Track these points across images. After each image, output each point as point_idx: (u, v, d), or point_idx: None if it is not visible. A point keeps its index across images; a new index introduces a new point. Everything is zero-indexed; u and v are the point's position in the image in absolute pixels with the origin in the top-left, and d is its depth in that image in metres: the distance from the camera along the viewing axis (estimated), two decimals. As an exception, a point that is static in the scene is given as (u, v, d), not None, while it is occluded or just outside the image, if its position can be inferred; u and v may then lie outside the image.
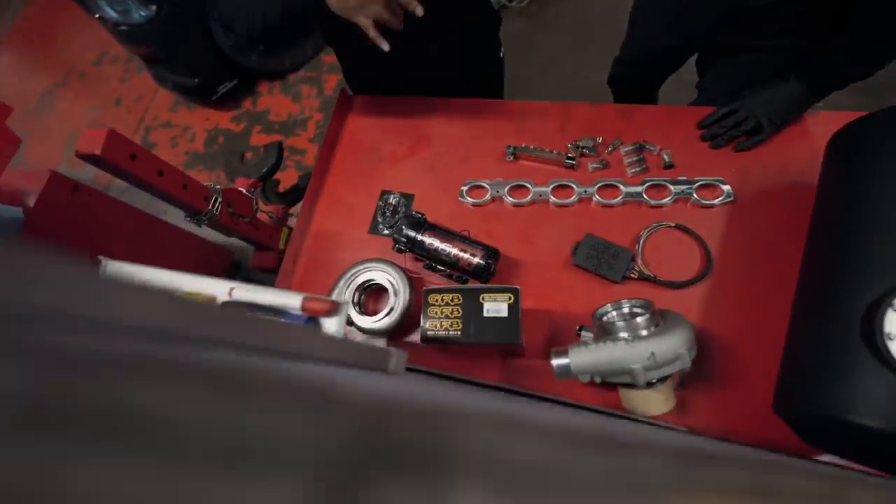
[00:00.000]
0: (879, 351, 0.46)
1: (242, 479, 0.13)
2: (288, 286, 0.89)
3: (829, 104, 0.81)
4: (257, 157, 1.13)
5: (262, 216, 1.14)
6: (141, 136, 2.33)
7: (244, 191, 1.04)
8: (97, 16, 1.87)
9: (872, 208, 0.54)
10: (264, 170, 1.07)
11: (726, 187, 0.76)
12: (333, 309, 0.41)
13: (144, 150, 0.78)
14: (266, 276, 1.22)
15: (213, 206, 0.95)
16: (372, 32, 0.67)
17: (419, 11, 0.66)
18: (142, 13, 1.77)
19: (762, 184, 0.77)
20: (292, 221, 1.19)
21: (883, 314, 0.47)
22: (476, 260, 0.74)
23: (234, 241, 1.15)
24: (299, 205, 1.00)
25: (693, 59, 1.01)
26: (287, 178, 1.59)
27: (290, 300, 0.42)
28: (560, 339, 0.73)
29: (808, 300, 0.58)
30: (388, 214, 0.89)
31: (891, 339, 0.46)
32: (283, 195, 1.20)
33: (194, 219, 0.94)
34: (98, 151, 0.68)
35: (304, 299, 0.42)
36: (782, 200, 0.75)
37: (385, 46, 0.69)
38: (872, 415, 0.47)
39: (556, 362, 0.60)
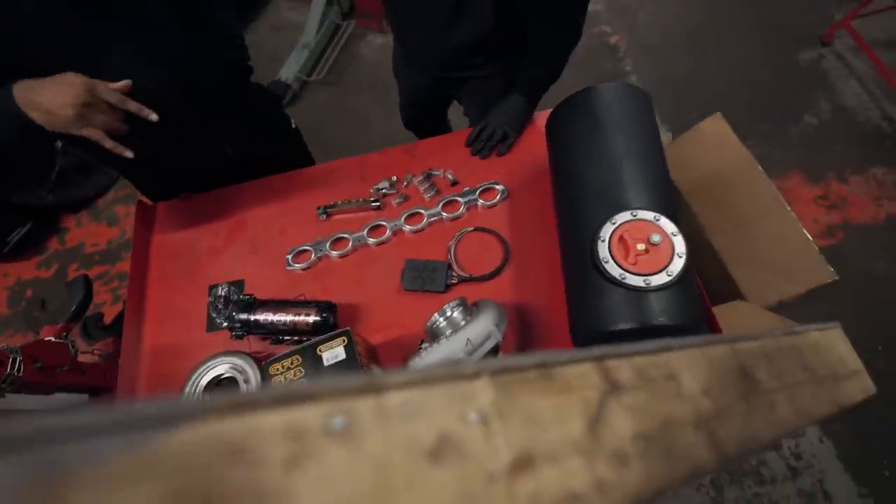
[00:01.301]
0: (603, 272, 0.61)
1: None
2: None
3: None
4: (58, 301, 1.02)
5: (87, 358, 1.02)
6: (-86, 321, 1.90)
7: (53, 339, 0.93)
8: None
9: (575, 169, 0.72)
10: (73, 309, 0.97)
11: (500, 187, 0.93)
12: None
13: None
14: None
15: (14, 367, 0.83)
16: (108, 144, 0.66)
17: (153, 118, 0.68)
18: None
19: (525, 175, 0.95)
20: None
21: (596, 246, 0.62)
22: (312, 318, 0.78)
23: (61, 398, 1.01)
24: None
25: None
26: (116, 308, 1.45)
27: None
28: (412, 359, 0.80)
29: (563, 253, 0.74)
30: (220, 307, 0.88)
31: (606, 262, 0.61)
32: (110, 327, 1.10)
33: (-9, 391, 0.81)
34: None
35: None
36: (541, 183, 0.93)
37: (128, 154, 0.68)
38: (624, 319, 0.61)
39: (399, 380, 0.66)
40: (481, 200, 0.92)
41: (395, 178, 0.98)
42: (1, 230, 1.83)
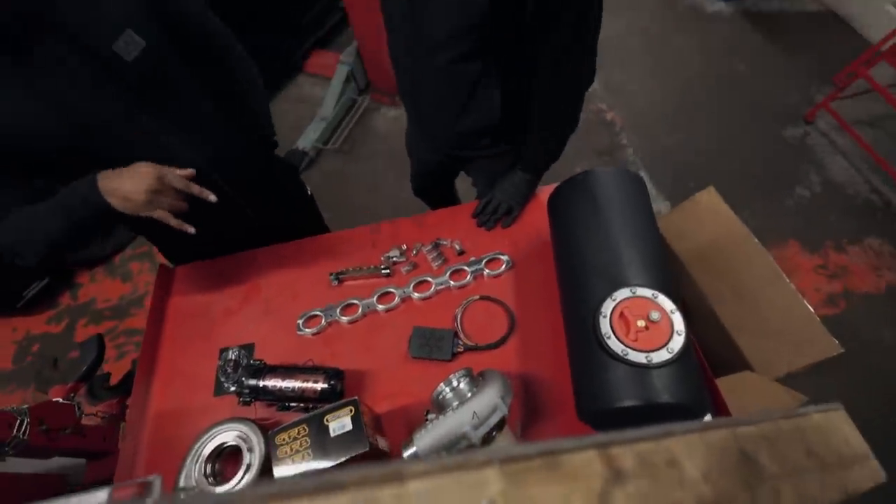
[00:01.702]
0: (606, 347, 0.63)
1: None
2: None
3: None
4: (71, 359, 1.04)
5: (89, 420, 1.02)
6: (-82, 375, 1.90)
7: (61, 400, 0.94)
8: None
9: (577, 246, 0.76)
10: (84, 369, 0.98)
11: (505, 257, 0.97)
12: (143, 489, 0.42)
13: None
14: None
15: (20, 430, 0.84)
16: (174, 222, 0.74)
17: (212, 198, 0.77)
18: None
19: (529, 247, 1.00)
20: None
21: (598, 321, 0.65)
22: (320, 386, 0.79)
23: (58, 462, 0.99)
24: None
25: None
26: (122, 367, 1.45)
27: (96, 497, 0.42)
28: (418, 429, 0.79)
29: (567, 325, 0.76)
30: (229, 371, 0.89)
31: (608, 337, 0.64)
32: (116, 388, 1.10)
33: (-7, 455, 0.81)
34: None
35: (112, 489, 0.42)
36: (544, 255, 0.97)
37: (190, 230, 0.76)
38: (628, 396, 0.62)
39: (405, 453, 0.66)
40: (487, 270, 0.96)
41: (404, 246, 1.02)
42: (17, 285, 1.88)
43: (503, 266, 0.96)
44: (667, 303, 0.64)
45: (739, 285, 1.26)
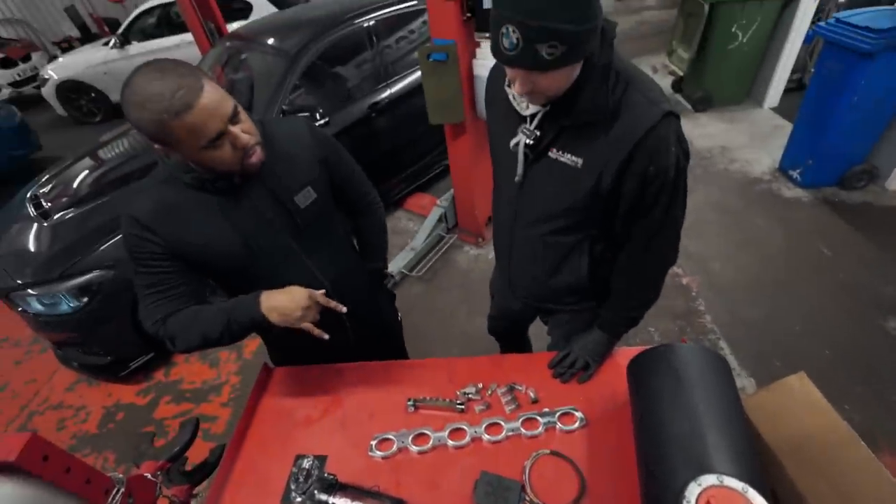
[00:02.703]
0: (691, 540, 0.60)
1: None
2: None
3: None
4: (145, 432, 1.14)
5: (161, 501, 1.07)
6: (21, 422, 2.12)
7: (149, 475, 1.02)
8: (20, 309, 1.96)
9: (659, 420, 0.77)
10: (177, 449, 1.07)
11: (579, 414, 0.98)
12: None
13: (58, 448, 0.81)
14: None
15: (113, 499, 0.91)
16: (316, 332, 0.91)
17: (343, 309, 0.93)
18: (70, 304, 1.91)
19: (604, 407, 1.00)
20: (195, 503, 1.12)
21: (681, 506, 0.63)
22: (385, 515, 0.80)
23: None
24: (206, 482, 1.01)
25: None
26: (194, 452, 1.51)
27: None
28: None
29: (645, 501, 0.73)
30: (301, 480, 0.93)
31: (693, 527, 0.61)
32: (189, 474, 1.15)
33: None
34: (13, 458, 0.72)
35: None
36: (621, 420, 0.97)
37: (325, 337, 0.92)
38: None
39: None
40: (560, 424, 0.97)
41: (480, 385, 1.08)
42: (129, 356, 2.14)
43: (577, 423, 0.97)
44: (758, 499, 0.61)
45: (843, 487, 1.10)
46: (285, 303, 0.87)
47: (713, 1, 3.33)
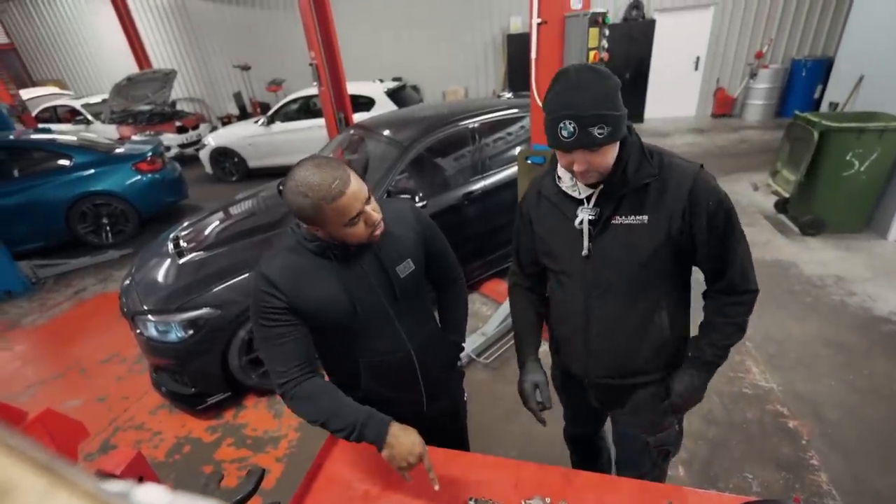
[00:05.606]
0: None
1: None
2: None
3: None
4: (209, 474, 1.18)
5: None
6: (106, 435, 2.31)
7: (210, 518, 1.05)
8: (138, 331, 2.25)
9: None
10: (239, 497, 1.11)
11: (661, 562, 0.85)
12: None
13: (152, 471, 0.88)
14: None
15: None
16: (408, 477, 0.97)
17: (436, 487, 0.96)
18: (178, 335, 2.16)
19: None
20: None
21: None
22: None
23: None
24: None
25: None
26: None
27: None
28: None
29: None
30: (350, 562, 0.90)
31: None
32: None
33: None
34: (118, 472, 0.80)
35: None
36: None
37: (409, 479, 0.99)
38: None
39: None
40: (638, 569, 0.85)
41: (548, 499, 0.99)
42: (210, 391, 2.30)
43: (658, 573, 0.84)
44: None
45: None
46: (406, 445, 0.95)
47: (823, 129, 3.24)
